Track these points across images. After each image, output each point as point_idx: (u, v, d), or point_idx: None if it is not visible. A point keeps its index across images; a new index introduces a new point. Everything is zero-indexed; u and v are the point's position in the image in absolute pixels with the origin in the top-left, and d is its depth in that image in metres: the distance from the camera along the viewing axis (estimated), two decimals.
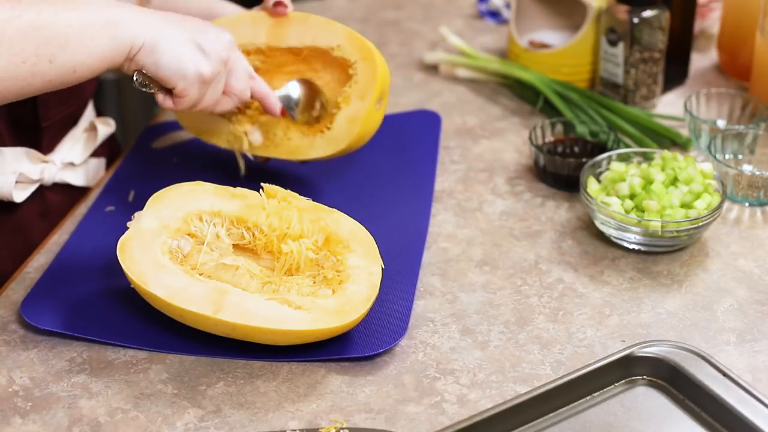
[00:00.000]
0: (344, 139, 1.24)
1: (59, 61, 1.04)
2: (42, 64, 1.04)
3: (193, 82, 1.11)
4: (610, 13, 1.46)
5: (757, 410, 0.97)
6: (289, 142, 1.26)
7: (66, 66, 1.05)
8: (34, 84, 1.05)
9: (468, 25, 1.77)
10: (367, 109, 1.23)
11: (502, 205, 1.31)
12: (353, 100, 1.24)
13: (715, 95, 1.43)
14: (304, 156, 1.26)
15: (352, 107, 1.24)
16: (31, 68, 1.03)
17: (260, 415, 1.01)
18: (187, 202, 1.12)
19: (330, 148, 1.24)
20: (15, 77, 1.03)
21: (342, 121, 1.24)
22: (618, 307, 1.14)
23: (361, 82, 1.24)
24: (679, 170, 1.23)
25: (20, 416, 1.02)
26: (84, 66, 1.06)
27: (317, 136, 1.25)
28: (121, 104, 2.51)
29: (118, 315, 1.12)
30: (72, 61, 1.05)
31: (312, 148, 1.25)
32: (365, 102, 1.23)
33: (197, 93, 1.13)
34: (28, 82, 1.04)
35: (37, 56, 1.03)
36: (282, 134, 1.27)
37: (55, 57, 1.04)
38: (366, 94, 1.24)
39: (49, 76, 1.05)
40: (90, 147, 1.37)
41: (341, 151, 1.25)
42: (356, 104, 1.24)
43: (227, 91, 1.17)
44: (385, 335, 1.08)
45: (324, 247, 1.11)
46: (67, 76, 1.06)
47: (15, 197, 1.24)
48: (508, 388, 1.03)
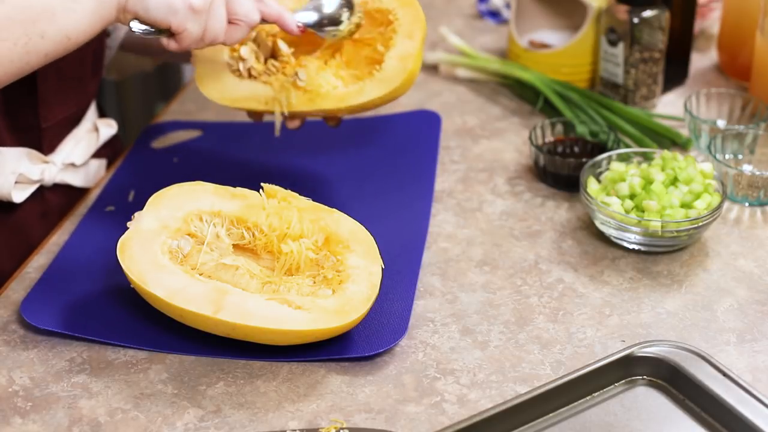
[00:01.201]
0: (397, 78, 1.21)
1: (50, 34, 1.05)
2: (34, 42, 1.04)
3: (185, 15, 1.10)
4: (610, 13, 1.46)
5: (757, 410, 0.97)
6: (335, 90, 1.23)
7: (59, 37, 1.06)
8: (32, 61, 1.06)
9: (468, 25, 1.77)
10: (417, 46, 1.22)
11: (502, 205, 1.31)
12: (401, 40, 1.23)
13: (715, 95, 1.43)
14: (355, 101, 1.22)
15: (400, 47, 1.22)
16: (25, 47, 1.04)
17: (260, 415, 1.01)
18: (187, 202, 1.12)
19: (382, 89, 1.22)
20: (11, 60, 1.04)
21: (393, 61, 1.22)
22: (618, 307, 1.14)
23: (406, 23, 1.23)
24: (679, 170, 1.23)
25: (20, 416, 1.02)
26: (77, 32, 1.07)
27: (366, 80, 1.23)
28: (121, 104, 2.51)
29: (118, 315, 1.12)
30: (64, 31, 1.06)
31: (362, 92, 1.22)
32: (414, 40, 1.22)
33: (196, 26, 1.11)
34: (26, 61, 1.05)
35: (27, 35, 1.04)
36: (326, 83, 1.24)
37: (45, 32, 1.05)
38: (413, 33, 1.23)
39: (45, 50, 1.05)
40: (92, 148, 1.36)
41: (392, 93, 1.22)
42: (405, 43, 1.22)
43: (232, 18, 1.14)
44: (385, 335, 1.08)
45: (324, 247, 1.11)
46: (62, 45, 1.07)
47: (14, 197, 1.24)
48: (508, 388, 1.03)
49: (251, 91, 1.24)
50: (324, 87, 1.23)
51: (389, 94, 1.22)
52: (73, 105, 1.31)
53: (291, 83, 1.23)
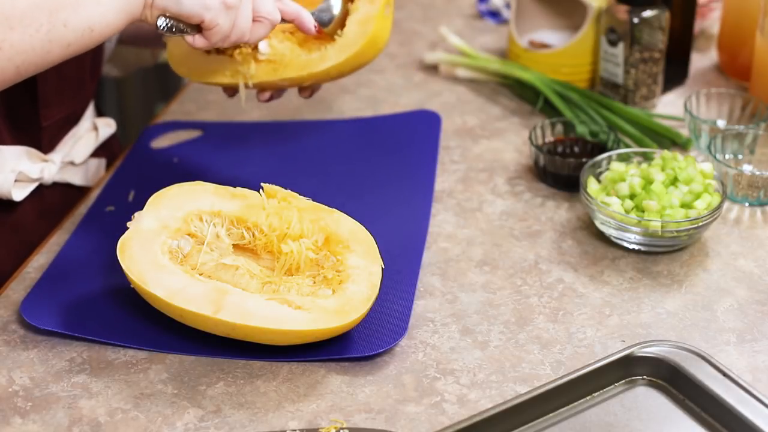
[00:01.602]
0: (357, 42, 1.21)
1: (74, 24, 1.03)
2: (57, 30, 1.03)
3: (218, 10, 1.09)
4: (610, 13, 1.46)
5: (757, 410, 0.97)
6: (298, 58, 1.23)
7: (82, 27, 1.04)
8: (54, 51, 1.04)
9: (468, 25, 1.77)
10: (378, 10, 1.22)
11: (502, 205, 1.31)
12: (362, 4, 1.22)
13: (715, 95, 1.43)
14: (317, 68, 1.22)
15: (362, 10, 1.22)
16: (47, 35, 1.02)
17: (260, 415, 1.01)
18: (187, 202, 1.12)
19: (342, 54, 1.21)
20: (33, 48, 1.02)
21: (353, 25, 1.22)
22: (618, 307, 1.14)
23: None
24: (679, 170, 1.23)
25: (20, 416, 1.02)
26: (101, 24, 1.05)
27: (327, 46, 1.23)
28: (121, 104, 2.51)
29: (118, 315, 1.12)
30: (87, 21, 1.04)
31: (324, 58, 1.22)
32: (375, 4, 1.22)
33: (226, 21, 1.11)
34: (47, 50, 1.03)
35: (50, 23, 1.02)
36: (289, 53, 1.23)
37: (68, 20, 1.03)
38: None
39: (67, 40, 1.04)
40: (91, 147, 1.36)
41: (354, 57, 1.22)
42: (366, 6, 1.22)
43: (256, 16, 1.14)
44: (385, 335, 1.08)
45: (324, 247, 1.11)
46: (85, 38, 1.05)
47: (14, 196, 1.24)
48: (508, 388, 1.03)
49: (217, 66, 1.25)
50: (287, 56, 1.23)
51: (351, 59, 1.22)
52: (72, 104, 1.32)
53: (253, 56, 1.23)
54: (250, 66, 1.23)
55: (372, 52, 1.24)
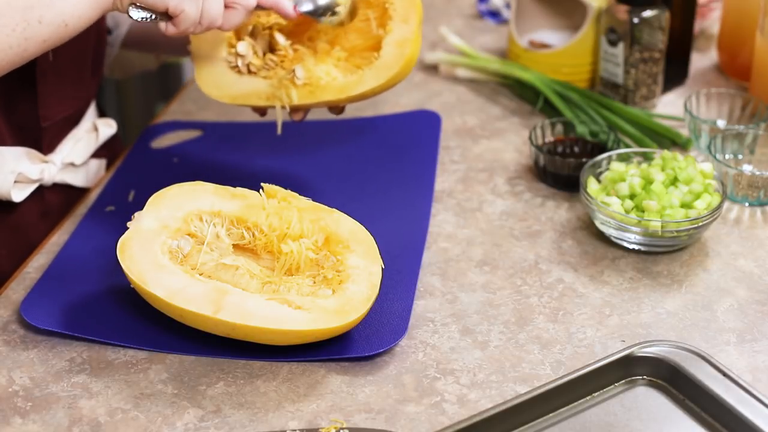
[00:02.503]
0: (396, 64, 1.21)
1: (48, 19, 1.05)
2: (32, 27, 1.05)
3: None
4: (610, 13, 1.46)
5: (757, 410, 0.97)
6: (334, 81, 1.23)
7: (56, 22, 1.06)
8: (30, 48, 1.06)
9: (468, 25, 1.77)
10: (414, 30, 1.21)
11: (502, 205, 1.31)
12: (397, 25, 1.22)
13: (715, 95, 1.43)
14: (355, 91, 1.22)
15: (397, 32, 1.22)
16: (23, 33, 1.04)
17: (260, 415, 1.01)
18: (187, 202, 1.12)
19: (381, 77, 1.21)
20: (9, 45, 1.04)
21: (390, 47, 1.22)
22: (618, 307, 1.14)
23: (400, 8, 1.22)
24: (679, 170, 1.23)
25: (20, 416, 1.02)
26: (74, 17, 1.07)
27: (364, 69, 1.22)
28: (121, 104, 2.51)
29: (118, 315, 1.12)
30: (61, 16, 1.06)
31: (362, 82, 1.22)
32: (410, 24, 1.22)
33: (192, 7, 1.11)
34: (23, 47, 1.05)
35: (25, 21, 1.04)
36: (325, 75, 1.23)
37: (42, 17, 1.05)
38: (409, 17, 1.22)
39: (42, 36, 1.06)
40: (91, 148, 1.36)
41: (392, 79, 1.22)
42: (401, 28, 1.22)
43: (228, 2, 1.14)
44: (385, 335, 1.08)
45: (324, 247, 1.11)
46: (60, 32, 1.07)
47: (14, 197, 1.24)
48: (508, 388, 1.03)
49: (251, 87, 1.24)
50: (323, 79, 1.23)
51: (389, 81, 1.22)
52: (72, 104, 1.31)
53: (289, 79, 1.23)
54: (289, 90, 1.23)
55: (407, 72, 1.23)
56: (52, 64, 1.23)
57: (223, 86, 1.25)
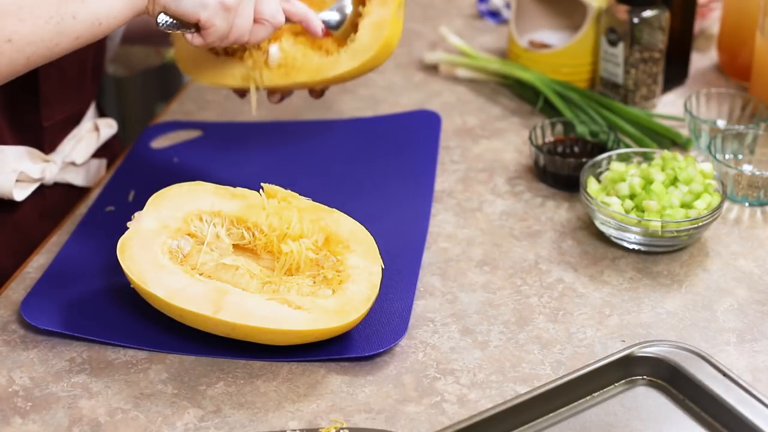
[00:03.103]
0: (372, 47, 1.20)
1: (82, 16, 1.04)
2: (66, 22, 1.03)
3: (215, 10, 1.09)
4: (610, 13, 1.46)
5: (757, 410, 0.97)
6: (310, 63, 1.22)
7: (90, 19, 1.05)
8: (62, 43, 1.05)
9: (468, 25, 1.77)
10: (392, 13, 1.20)
11: (502, 205, 1.31)
12: (375, 8, 1.21)
13: (715, 95, 1.43)
14: (330, 73, 1.21)
15: (374, 14, 1.21)
16: (56, 27, 1.03)
17: (260, 415, 1.01)
18: (187, 202, 1.12)
19: (357, 59, 1.20)
20: (42, 39, 1.03)
21: (367, 30, 1.20)
22: (618, 307, 1.14)
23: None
24: (679, 170, 1.23)
25: (20, 416, 1.02)
26: (109, 17, 1.06)
27: (341, 51, 1.21)
28: (121, 104, 2.51)
29: (118, 315, 1.12)
30: (95, 14, 1.05)
31: (337, 63, 1.21)
32: (388, 7, 1.21)
33: (223, 22, 1.10)
34: (56, 42, 1.04)
35: (60, 15, 1.03)
36: (301, 57, 1.22)
37: (77, 12, 1.04)
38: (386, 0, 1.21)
39: (76, 32, 1.05)
40: (92, 147, 1.36)
41: (368, 62, 1.21)
42: (378, 10, 1.21)
43: (258, 17, 1.14)
44: (385, 335, 1.08)
45: (324, 247, 1.11)
46: (93, 30, 1.06)
47: (15, 196, 1.24)
48: (508, 388, 1.03)
49: (228, 69, 1.24)
50: (299, 60, 1.22)
51: (365, 64, 1.21)
52: (74, 104, 1.32)
53: (264, 60, 1.22)
54: (262, 71, 1.22)
55: (385, 56, 1.23)
56: (55, 63, 1.23)
57: (201, 67, 1.25)
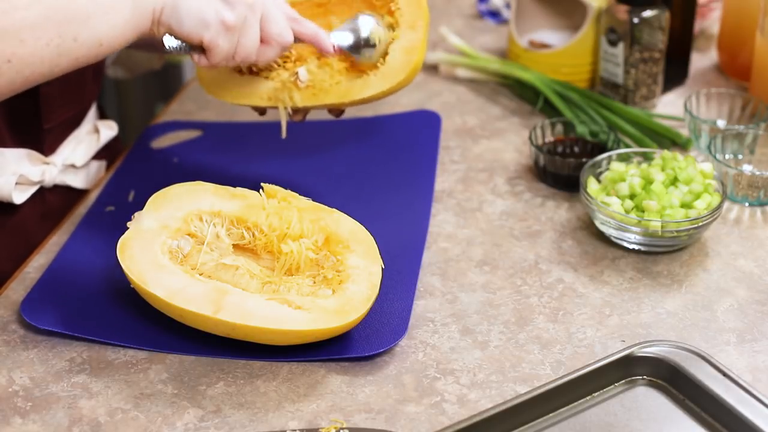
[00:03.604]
0: (402, 71, 1.20)
1: (83, 38, 1.03)
2: (67, 44, 1.02)
3: (218, 31, 1.08)
4: (610, 13, 1.46)
5: (757, 410, 0.97)
6: (338, 86, 1.21)
7: (91, 41, 1.04)
8: (62, 64, 1.03)
9: (468, 25, 1.77)
10: (421, 38, 1.20)
11: (502, 205, 1.31)
12: (404, 32, 1.21)
13: (715, 95, 1.43)
14: (359, 95, 1.20)
15: (404, 38, 1.21)
16: (57, 49, 1.02)
17: (260, 415, 1.01)
18: (187, 202, 1.12)
19: (387, 82, 1.20)
20: (42, 60, 1.02)
21: (398, 53, 1.20)
22: (618, 307, 1.14)
23: (407, 13, 1.21)
24: (679, 170, 1.23)
25: (20, 416, 1.02)
26: (110, 38, 1.05)
27: (370, 74, 1.21)
28: (121, 104, 2.51)
29: (118, 315, 1.12)
30: (97, 36, 1.04)
31: (367, 86, 1.20)
32: (417, 32, 1.20)
33: (227, 43, 1.09)
34: (56, 63, 1.03)
35: (60, 37, 1.02)
36: (329, 79, 1.22)
37: (78, 34, 1.03)
38: (416, 23, 1.21)
39: (76, 54, 1.03)
40: (92, 149, 1.36)
41: (397, 85, 1.20)
42: (408, 34, 1.20)
43: (264, 38, 1.13)
44: (385, 335, 1.08)
45: (324, 247, 1.11)
46: (94, 51, 1.05)
47: (15, 199, 1.24)
48: (508, 388, 1.03)
49: (253, 88, 1.23)
50: (327, 81, 1.22)
51: (394, 87, 1.21)
52: (74, 106, 1.31)
53: (292, 81, 1.22)
54: (291, 92, 1.22)
55: (413, 78, 1.22)
56: None
57: (224, 85, 1.24)
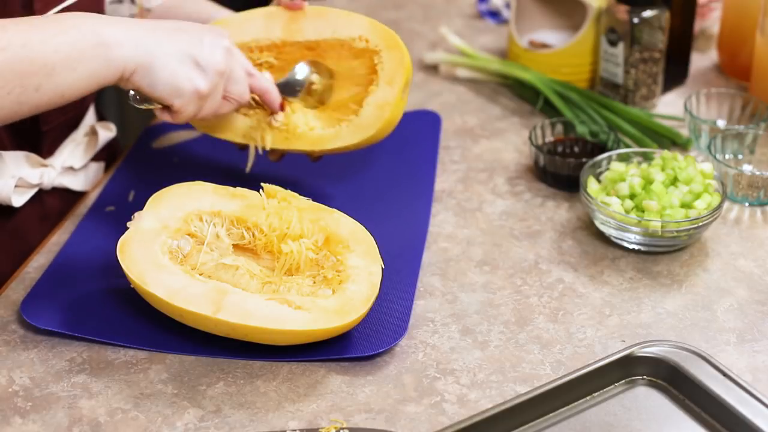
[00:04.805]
0: (373, 126, 1.21)
1: (46, 89, 1.03)
2: (28, 93, 1.02)
3: (190, 99, 1.10)
4: (610, 13, 1.46)
5: (757, 410, 0.97)
6: (311, 132, 1.23)
7: (54, 92, 1.03)
8: (22, 111, 1.03)
9: (468, 25, 1.77)
10: (396, 95, 1.21)
11: (502, 205, 1.31)
12: (381, 87, 1.22)
13: (715, 95, 1.43)
14: (329, 145, 1.22)
15: (380, 93, 1.22)
16: (17, 98, 1.02)
17: (260, 415, 1.01)
18: (187, 202, 1.12)
19: (357, 136, 1.21)
20: (2, 107, 1.01)
21: (370, 108, 1.21)
22: (618, 307, 1.14)
23: (388, 68, 1.22)
24: (679, 170, 1.23)
25: (20, 416, 1.02)
26: (73, 89, 1.05)
27: (342, 125, 1.22)
28: (121, 105, 2.51)
29: (118, 315, 1.12)
30: (60, 87, 1.04)
31: (338, 137, 1.22)
32: (393, 88, 1.21)
33: (194, 107, 1.12)
34: (15, 111, 1.03)
35: (22, 86, 1.01)
36: (304, 125, 1.23)
37: (41, 85, 1.02)
38: (394, 80, 1.22)
39: (36, 103, 1.03)
40: (90, 151, 1.36)
41: (368, 140, 1.22)
42: (384, 90, 1.22)
43: (226, 96, 1.15)
44: (385, 335, 1.08)
45: (324, 247, 1.11)
46: (55, 101, 1.04)
47: (14, 201, 1.24)
48: (508, 388, 1.03)
49: (230, 123, 1.25)
50: (300, 128, 1.23)
51: (364, 141, 1.22)
52: (72, 109, 1.31)
53: (267, 122, 1.23)
54: (264, 132, 1.23)
55: (385, 133, 1.23)
56: None
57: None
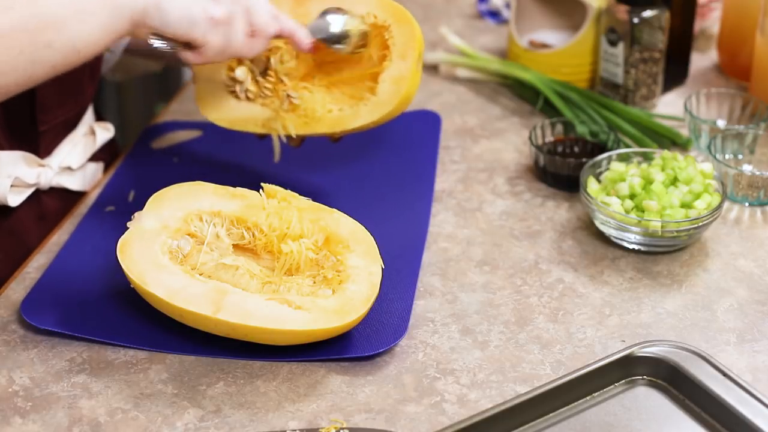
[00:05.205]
0: (391, 102, 1.21)
1: (58, 45, 1.01)
2: (41, 51, 1.00)
3: (207, 27, 1.08)
4: (610, 13, 1.46)
5: (757, 410, 0.97)
6: (329, 114, 1.23)
7: (66, 48, 1.02)
8: (38, 72, 1.02)
9: (468, 25, 1.77)
10: (411, 68, 1.21)
11: (502, 205, 1.31)
12: (395, 62, 1.21)
13: (715, 95, 1.43)
14: (349, 125, 1.22)
15: (394, 68, 1.21)
16: (30, 57, 1.00)
17: (260, 415, 1.01)
18: (187, 202, 1.12)
19: (376, 113, 1.21)
20: (15, 69, 1.00)
21: (386, 84, 1.21)
22: (618, 307, 1.14)
23: (399, 43, 1.22)
24: (679, 170, 1.23)
25: (20, 416, 1.02)
26: (87, 43, 1.03)
27: (360, 104, 1.22)
28: (121, 105, 2.51)
29: (118, 315, 1.12)
30: (72, 42, 1.02)
31: (357, 116, 1.21)
32: (407, 61, 1.21)
33: (217, 38, 1.09)
34: (31, 71, 1.01)
35: (33, 44, 1.00)
36: (321, 108, 1.23)
37: (52, 41, 1.01)
38: (407, 53, 1.21)
39: (51, 61, 1.02)
40: (88, 151, 1.36)
41: (387, 115, 1.21)
42: (399, 65, 1.21)
43: (252, 31, 1.13)
44: (385, 335, 1.08)
45: (324, 247, 1.11)
46: (71, 57, 1.03)
47: (10, 201, 1.23)
48: (508, 388, 1.03)
49: (249, 114, 1.24)
50: (319, 111, 1.23)
51: (383, 117, 1.22)
52: (70, 109, 1.31)
53: (286, 109, 1.23)
54: (283, 120, 1.23)
55: (403, 108, 1.23)
56: None
57: (221, 110, 1.26)
